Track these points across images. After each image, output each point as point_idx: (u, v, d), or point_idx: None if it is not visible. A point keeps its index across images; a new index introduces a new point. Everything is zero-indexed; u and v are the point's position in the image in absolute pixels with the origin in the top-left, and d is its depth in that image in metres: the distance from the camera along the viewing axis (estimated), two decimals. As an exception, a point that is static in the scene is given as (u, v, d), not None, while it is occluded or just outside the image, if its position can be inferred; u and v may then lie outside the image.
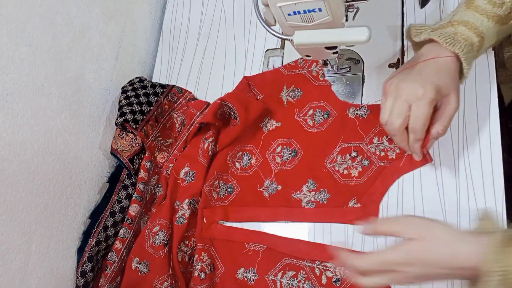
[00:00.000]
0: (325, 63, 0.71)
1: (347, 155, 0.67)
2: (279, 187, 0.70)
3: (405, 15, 0.71)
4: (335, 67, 0.71)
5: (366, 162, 0.65)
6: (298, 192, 0.68)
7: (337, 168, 0.67)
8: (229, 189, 0.73)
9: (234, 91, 0.76)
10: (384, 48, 0.70)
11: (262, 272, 0.67)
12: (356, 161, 0.66)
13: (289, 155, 0.71)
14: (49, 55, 0.64)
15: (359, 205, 0.64)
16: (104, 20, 0.76)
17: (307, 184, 0.68)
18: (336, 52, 0.60)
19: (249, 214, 0.70)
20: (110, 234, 0.70)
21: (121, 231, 0.70)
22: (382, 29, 0.71)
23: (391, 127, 0.55)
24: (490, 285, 0.42)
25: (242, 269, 0.68)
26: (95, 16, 0.73)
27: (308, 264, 0.64)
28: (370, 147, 0.66)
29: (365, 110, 0.67)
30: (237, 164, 0.74)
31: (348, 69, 0.71)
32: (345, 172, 0.66)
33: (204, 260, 0.70)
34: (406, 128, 0.55)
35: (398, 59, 0.69)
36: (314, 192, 0.67)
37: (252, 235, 0.69)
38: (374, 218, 0.57)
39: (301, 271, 0.65)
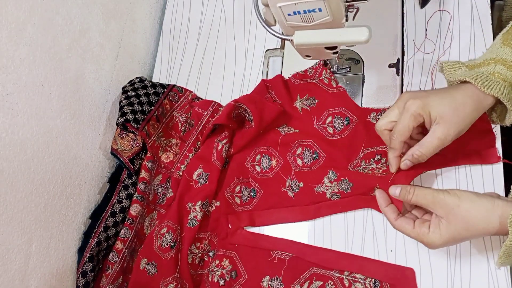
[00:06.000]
0: (325, 63, 0.71)
1: (371, 159, 0.65)
2: (301, 184, 0.68)
3: (405, 15, 0.71)
4: (335, 67, 0.71)
5: None
6: (319, 185, 0.66)
7: (360, 171, 0.65)
8: (252, 193, 0.71)
9: (251, 93, 0.74)
10: (384, 48, 0.70)
11: (288, 281, 0.64)
12: (381, 163, 0.64)
13: (311, 157, 0.68)
14: (49, 55, 0.64)
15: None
16: (104, 20, 0.76)
17: (327, 175, 0.66)
18: (336, 52, 0.60)
19: (276, 217, 0.69)
20: (111, 234, 0.70)
21: (122, 231, 0.70)
22: (382, 29, 0.71)
23: (376, 126, 0.58)
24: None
25: (267, 277, 0.66)
26: (95, 16, 0.73)
27: (337, 275, 0.62)
28: None
29: None
30: (257, 168, 0.72)
31: (348, 69, 0.71)
32: (369, 173, 0.64)
33: (225, 266, 0.69)
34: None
35: (398, 59, 0.69)
36: (336, 183, 0.65)
37: (277, 243, 0.67)
38: (406, 186, 0.55)
39: (329, 281, 0.62)
